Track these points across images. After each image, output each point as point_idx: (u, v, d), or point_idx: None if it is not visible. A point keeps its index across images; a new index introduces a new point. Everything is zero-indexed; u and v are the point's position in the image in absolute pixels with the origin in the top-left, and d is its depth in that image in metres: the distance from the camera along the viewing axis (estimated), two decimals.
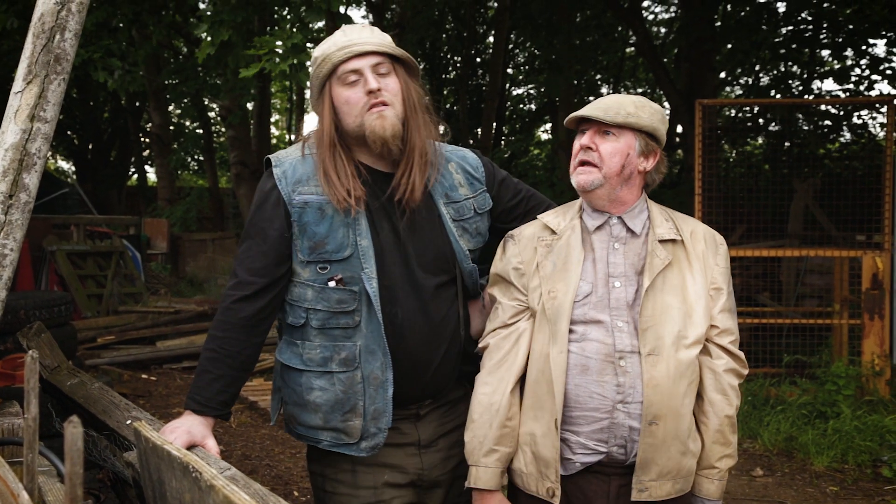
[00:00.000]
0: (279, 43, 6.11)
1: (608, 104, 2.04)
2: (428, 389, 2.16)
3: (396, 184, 2.08)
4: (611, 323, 2.00)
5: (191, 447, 1.97)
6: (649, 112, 2.05)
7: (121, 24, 7.54)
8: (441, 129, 2.22)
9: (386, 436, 2.08)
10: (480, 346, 2.16)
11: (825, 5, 11.57)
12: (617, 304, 2.01)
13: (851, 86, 12.72)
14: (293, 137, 23.97)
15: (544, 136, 22.87)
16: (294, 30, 6.25)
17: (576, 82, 15.25)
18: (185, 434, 1.98)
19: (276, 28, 6.48)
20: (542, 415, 2.02)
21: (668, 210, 2.17)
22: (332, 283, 2.04)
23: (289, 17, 6.91)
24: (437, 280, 2.12)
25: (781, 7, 12.24)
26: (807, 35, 12.27)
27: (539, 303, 2.05)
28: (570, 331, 2.00)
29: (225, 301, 2.08)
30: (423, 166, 2.09)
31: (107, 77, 7.90)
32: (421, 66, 2.23)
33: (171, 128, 20.12)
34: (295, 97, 23.19)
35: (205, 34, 6.33)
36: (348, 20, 10.07)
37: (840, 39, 12.00)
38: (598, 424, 1.99)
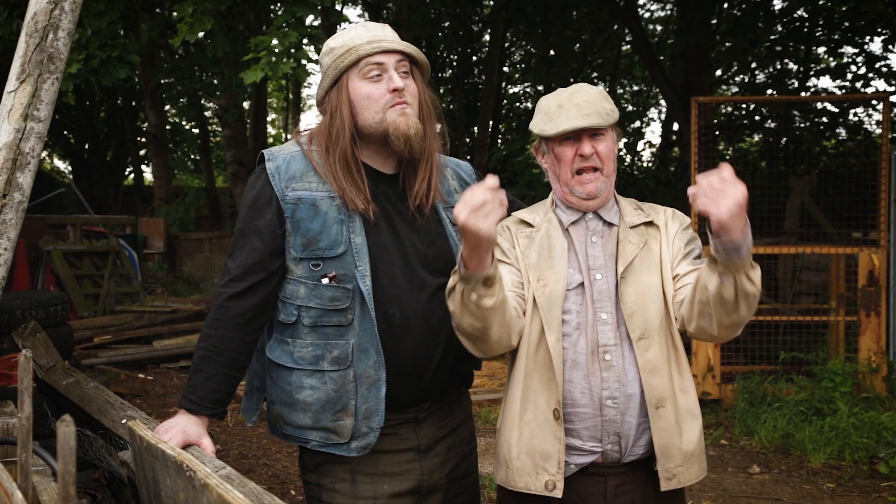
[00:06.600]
0: (275, 42, 6.09)
1: (593, 107, 1.98)
2: (427, 392, 2.14)
3: (411, 187, 2.09)
4: (595, 316, 1.97)
5: (186, 446, 1.95)
6: (611, 100, 2.05)
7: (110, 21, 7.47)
8: (442, 139, 2.23)
9: (378, 435, 2.05)
10: None
11: (821, 2, 11.58)
12: (600, 297, 1.98)
13: (847, 83, 12.73)
14: (289, 136, 23.90)
15: None
16: (286, 27, 6.23)
17: (572, 80, 15.25)
18: (179, 433, 1.96)
19: (271, 26, 6.45)
20: (537, 406, 1.97)
21: (634, 201, 2.14)
22: (325, 280, 2.01)
23: (280, 12, 6.89)
24: (439, 281, 2.10)
25: (778, 4, 12.26)
26: (803, 32, 12.28)
27: (529, 290, 2.00)
28: (562, 321, 1.96)
29: (217, 299, 2.05)
30: (436, 172, 2.12)
31: (121, 73, 7.79)
32: None
33: (168, 127, 20.09)
34: (291, 96, 23.17)
35: (186, 16, 6.27)
36: (342, 17, 10.05)
37: (836, 36, 12.01)
38: (590, 421, 1.95)
